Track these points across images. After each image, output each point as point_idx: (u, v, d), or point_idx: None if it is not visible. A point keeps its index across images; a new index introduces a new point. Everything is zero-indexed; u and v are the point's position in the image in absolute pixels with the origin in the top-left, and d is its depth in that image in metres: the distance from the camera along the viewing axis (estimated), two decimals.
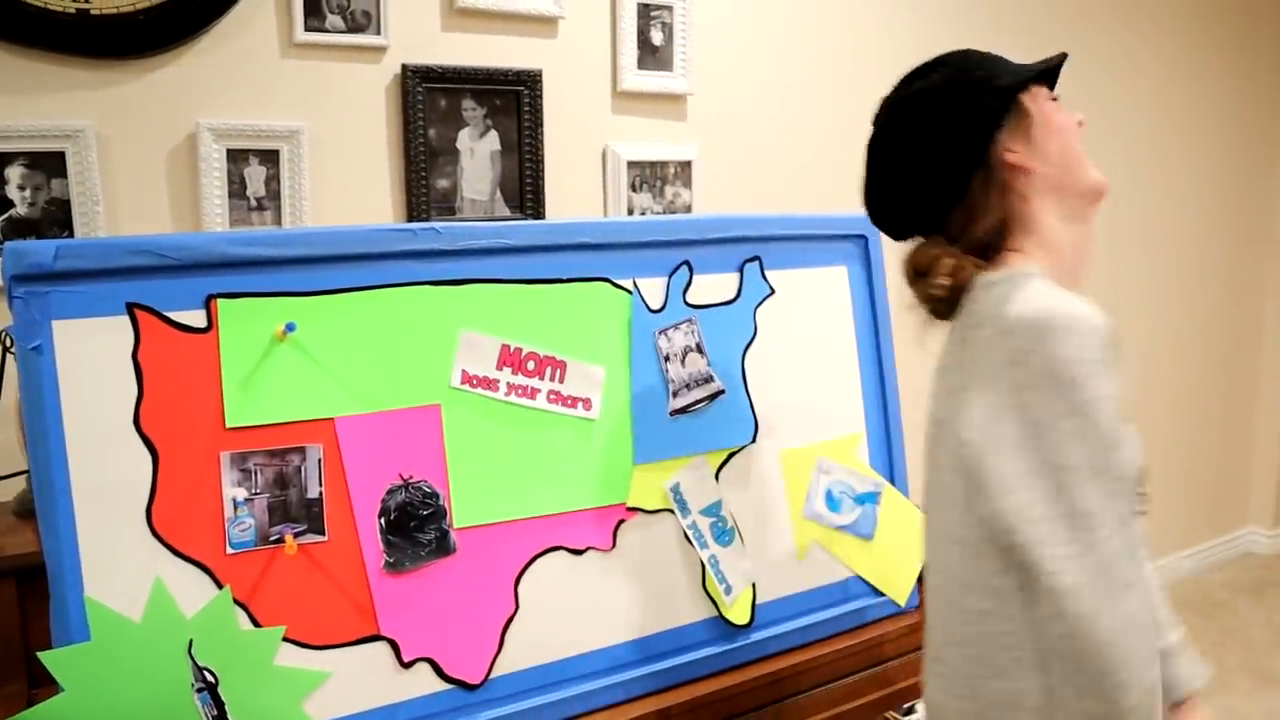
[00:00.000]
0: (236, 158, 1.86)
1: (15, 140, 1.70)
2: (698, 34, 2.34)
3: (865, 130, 1.20)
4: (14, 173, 1.70)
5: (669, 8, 2.27)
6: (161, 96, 1.80)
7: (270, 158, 1.89)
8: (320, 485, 1.27)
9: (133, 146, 1.79)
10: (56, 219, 1.74)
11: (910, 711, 2.39)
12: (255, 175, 1.89)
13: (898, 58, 1.24)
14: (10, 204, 1.71)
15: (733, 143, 2.45)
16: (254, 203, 1.89)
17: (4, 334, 1.47)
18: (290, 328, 1.23)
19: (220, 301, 1.22)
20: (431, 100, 2.03)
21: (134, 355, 1.18)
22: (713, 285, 1.59)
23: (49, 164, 1.73)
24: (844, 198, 2.37)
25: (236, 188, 1.87)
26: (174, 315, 1.20)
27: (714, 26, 2.38)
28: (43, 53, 1.71)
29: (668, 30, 2.28)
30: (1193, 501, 3.99)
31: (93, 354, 1.16)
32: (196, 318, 1.21)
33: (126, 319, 1.18)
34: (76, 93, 1.74)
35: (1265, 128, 3.97)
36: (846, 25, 2.60)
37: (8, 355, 1.46)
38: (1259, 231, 4.02)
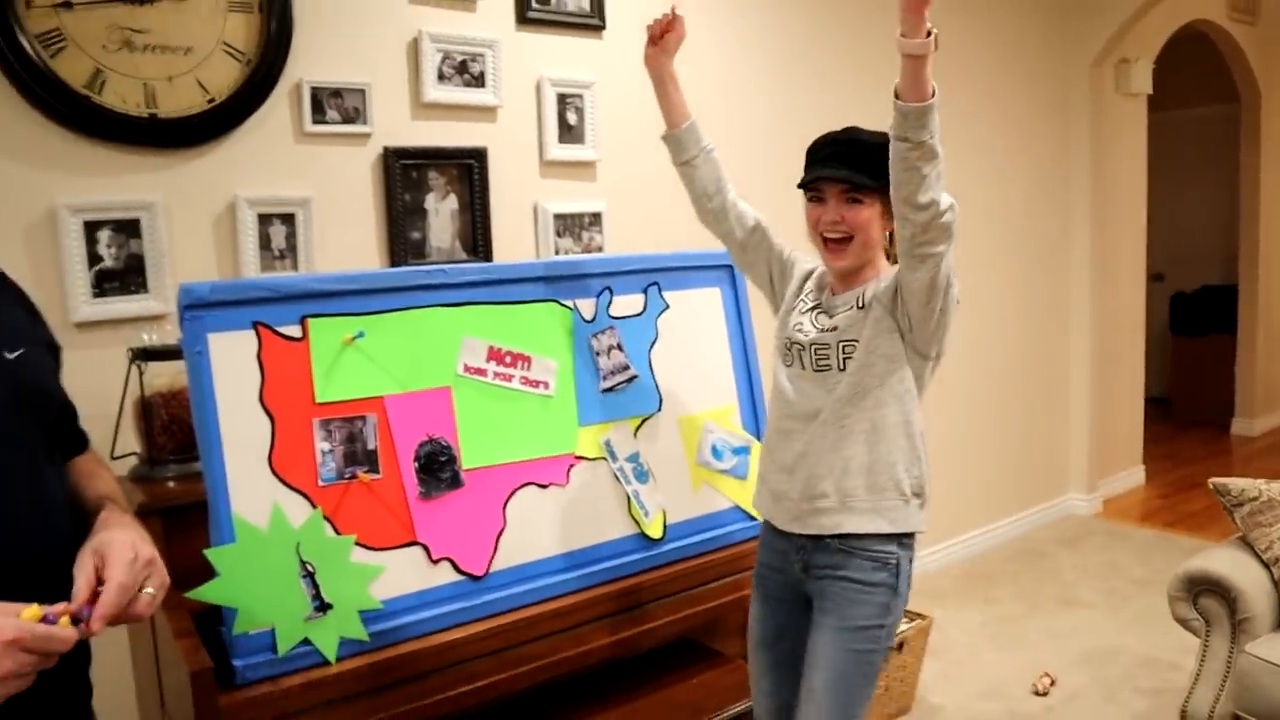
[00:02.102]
0: (264, 220, 2.47)
1: (104, 211, 2.27)
2: (603, 115, 3.04)
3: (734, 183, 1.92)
4: (103, 235, 2.28)
5: (580, 96, 2.97)
6: (209, 175, 2.40)
7: (288, 219, 2.50)
8: (375, 440, 1.90)
9: (189, 213, 2.38)
10: (134, 268, 2.32)
11: None
12: (277, 233, 2.50)
13: (757, 125, 1.93)
14: (101, 259, 2.29)
15: (632, 196, 3.14)
16: (277, 253, 2.50)
17: (133, 355, 2.06)
18: (360, 335, 1.87)
19: (310, 320, 1.85)
20: (405, 173, 2.67)
21: (258, 355, 1.80)
22: (627, 303, 2.28)
23: (129, 228, 2.30)
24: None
25: (264, 242, 2.48)
26: (281, 329, 1.83)
27: (614, 109, 3.07)
28: (124, 146, 2.28)
29: (580, 113, 2.97)
30: (1022, 473, 4.82)
31: (232, 355, 1.78)
32: (295, 330, 1.84)
33: (252, 332, 1.80)
34: (148, 174, 2.32)
35: (1057, 157, 4.86)
36: (714, 103, 3.33)
37: (133, 369, 2.05)
38: (1061, 248, 4.90)
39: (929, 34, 1.54)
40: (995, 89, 4.45)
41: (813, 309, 1.91)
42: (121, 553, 1.19)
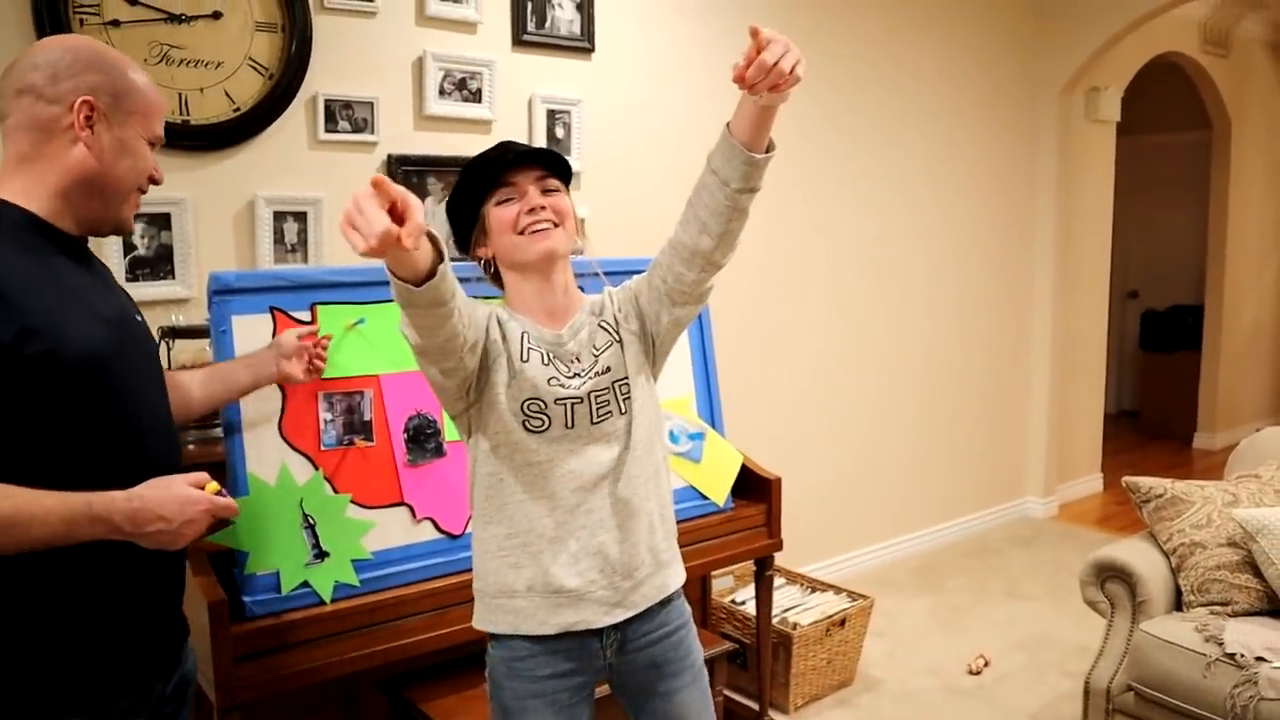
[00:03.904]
0: (279, 217, 2.77)
1: (141, 206, 2.57)
2: (589, 130, 3.33)
3: None
4: (138, 227, 2.58)
5: (568, 112, 3.26)
6: (233, 176, 2.70)
7: (301, 217, 2.80)
8: (371, 413, 2.20)
9: (214, 209, 2.67)
10: (164, 257, 2.61)
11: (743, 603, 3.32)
12: (290, 229, 2.79)
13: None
14: (134, 248, 2.59)
15: (613, 206, 3.43)
16: (289, 247, 2.79)
17: (162, 333, 2.36)
18: (360, 321, 2.17)
19: (319, 307, 2.15)
20: (407, 178, 2.96)
21: (273, 336, 2.09)
22: None
23: (160, 221, 2.60)
24: None
25: (278, 237, 2.77)
26: (294, 314, 2.12)
27: (599, 125, 3.37)
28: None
29: (568, 128, 3.27)
30: (981, 475, 5.10)
31: (252, 335, 2.07)
32: (305, 316, 2.14)
33: (269, 316, 2.10)
34: (180, 173, 2.60)
35: (1025, 179, 5.14)
36: (693, 121, 3.62)
37: (162, 345, 2.35)
38: (1025, 266, 5.18)
39: None
40: (965, 111, 4.73)
41: (550, 358, 1.60)
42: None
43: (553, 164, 1.63)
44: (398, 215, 1.23)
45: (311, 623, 2.05)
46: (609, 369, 1.62)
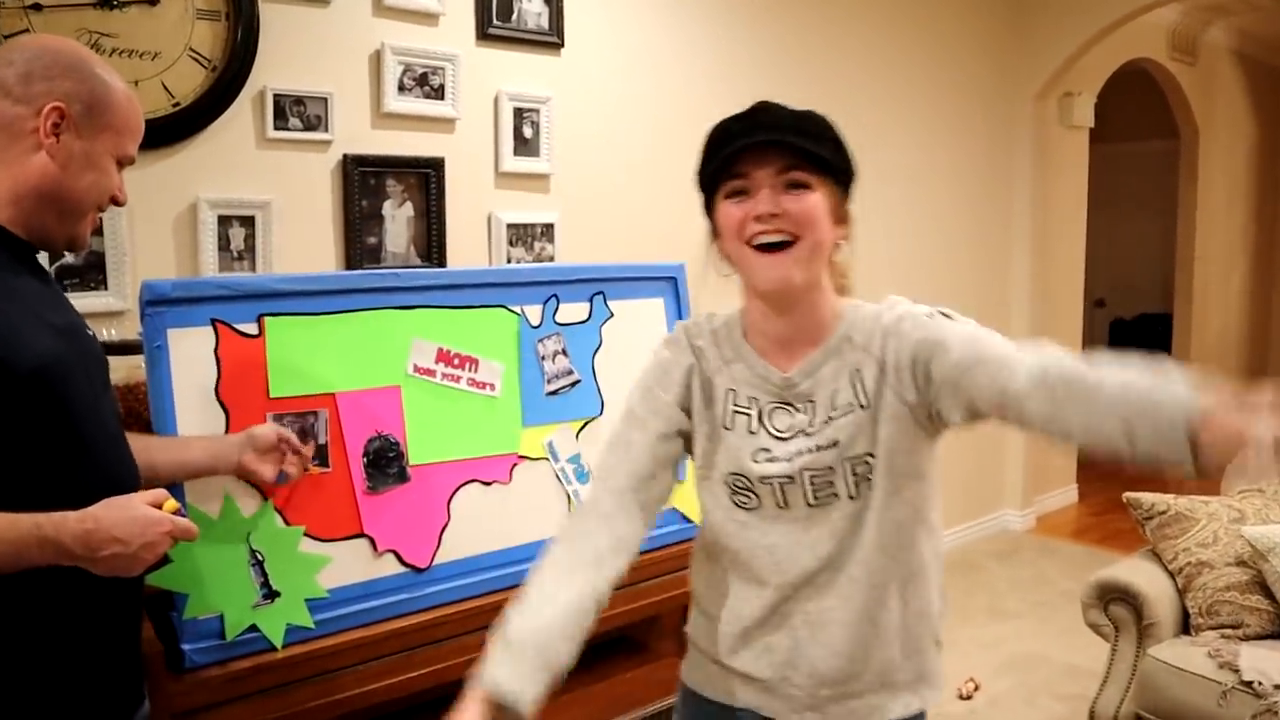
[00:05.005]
0: (224, 221, 2.55)
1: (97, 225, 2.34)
2: (558, 129, 3.15)
3: (679, 200, 1.98)
4: None
5: (536, 110, 3.08)
6: (172, 177, 2.48)
7: (248, 222, 2.58)
8: (327, 436, 1.99)
9: (152, 213, 2.45)
10: (95, 265, 2.39)
11: None
12: (237, 234, 2.58)
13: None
14: (62, 255, 2.35)
15: (583, 208, 3.25)
16: (235, 254, 2.58)
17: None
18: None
19: (267, 319, 1.94)
20: (364, 179, 2.75)
21: (215, 351, 1.88)
22: (573, 310, 2.38)
23: None
24: (662, 249, 3.20)
25: (223, 243, 2.55)
26: (239, 326, 1.91)
27: (569, 125, 3.19)
28: None
29: (535, 127, 3.08)
30: (960, 489, 4.97)
31: (191, 350, 1.85)
32: (252, 328, 1.92)
33: (210, 329, 1.88)
34: None
35: (1000, 185, 5.04)
36: (668, 122, 3.45)
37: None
38: (1002, 273, 5.08)
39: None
40: (940, 116, 4.62)
41: (761, 421, 1.35)
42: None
43: (810, 144, 1.27)
44: None
45: (261, 671, 1.83)
46: (836, 442, 1.30)
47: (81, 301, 2.30)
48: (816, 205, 1.28)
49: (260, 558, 1.88)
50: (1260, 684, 2.28)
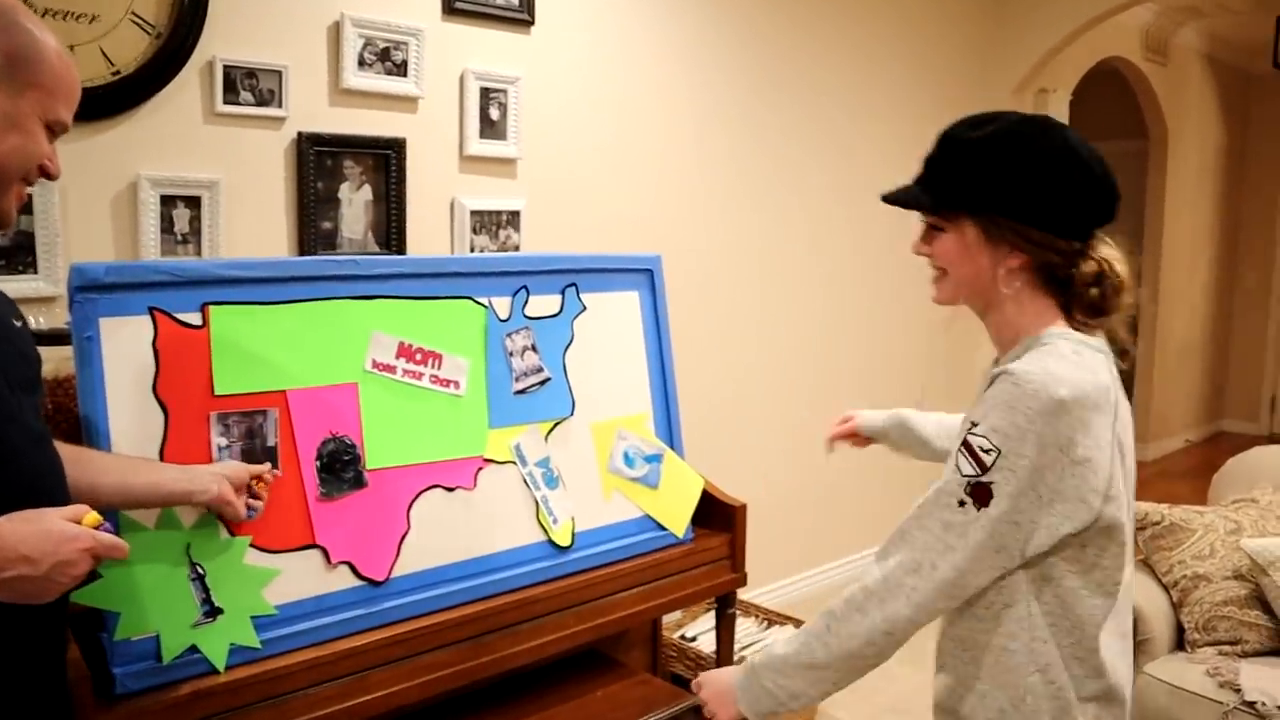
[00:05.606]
0: (167, 202, 2.36)
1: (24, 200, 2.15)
2: (526, 112, 2.98)
3: (651, 190, 1.85)
4: None
5: (504, 91, 2.91)
6: (110, 152, 2.28)
7: (194, 203, 2.40)
8: (276, 437, 1.82)
9: (87, 191, 2.26)
10: (24, 246, 2.19)
11: (694, 639, 3.04)
12: (181, 216, 2.39)
13: (678, 133, 1.89)
14: None
15: (552, 196, 3.09)
16: (180, 238, 2.39)
17: None
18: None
19: (211, 308, 1.77)
20: (320, 160, 2.57)
21: (153, 343, 1.71)
22: (543, 303, 2.23)
23: None
24: (634, 241, 3.06)
25: (167, 225, 2.37)
26: (180, 316, 1.74)
27: (539, 107, 3.03)
28: None
29: (503, 109, 2.92)
30: None
31: (126, 342, 1.68)
32: (195, 318, 1.75)
33: (148, 318, 1.71)
34: None
35: None
36: (642, 107, 3.30)
37: None
38: None
39: None
40: (918, 107, 4.51)
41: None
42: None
43: (911, 195, 1.47)
44: None
45: (201, 697, 1.66)
46: None
47: (7, 285, 2.12)
48: (950, 245, 1.43)
49: (201, 571, 1.73)
50: (1264, 704, 2.18)
